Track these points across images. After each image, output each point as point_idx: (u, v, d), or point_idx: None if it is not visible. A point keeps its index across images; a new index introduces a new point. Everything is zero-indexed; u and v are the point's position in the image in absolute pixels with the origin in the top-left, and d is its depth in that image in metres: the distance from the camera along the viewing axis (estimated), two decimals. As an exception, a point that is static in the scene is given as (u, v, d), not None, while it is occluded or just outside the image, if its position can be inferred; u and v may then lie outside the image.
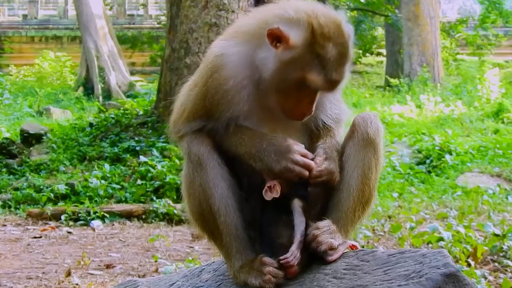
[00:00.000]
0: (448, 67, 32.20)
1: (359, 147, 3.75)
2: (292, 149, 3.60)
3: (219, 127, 3.74)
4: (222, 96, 3.69)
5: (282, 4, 3.70)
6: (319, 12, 3.56)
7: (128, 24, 36.12)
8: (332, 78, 3.53)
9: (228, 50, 3.73)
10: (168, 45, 14.64)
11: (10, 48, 33.96)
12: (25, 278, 7.39)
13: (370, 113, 3.86)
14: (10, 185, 12.95)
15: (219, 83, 3.69)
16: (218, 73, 3.70)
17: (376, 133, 3.76)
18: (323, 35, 3.49)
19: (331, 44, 3.50)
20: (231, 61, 3.69)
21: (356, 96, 25.93)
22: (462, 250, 7.00)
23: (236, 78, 3.67)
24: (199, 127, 3.79)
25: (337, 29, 3.55)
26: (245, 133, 3.71)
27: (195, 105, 3.81)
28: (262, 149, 3.63)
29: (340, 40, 3.54)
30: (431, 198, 12.43)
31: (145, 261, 8.19)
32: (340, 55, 3.53)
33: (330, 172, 3.64)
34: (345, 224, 3.72)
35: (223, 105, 3.71)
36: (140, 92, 26.44)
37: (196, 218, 3.82)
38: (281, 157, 3.58)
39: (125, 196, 11.96)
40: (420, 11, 28.53)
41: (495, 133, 18.65)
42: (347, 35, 3.58)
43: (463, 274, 3.14)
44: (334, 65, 3.51)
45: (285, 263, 3.51)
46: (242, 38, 3.69)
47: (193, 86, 3.87)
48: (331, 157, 3.69)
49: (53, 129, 16.20)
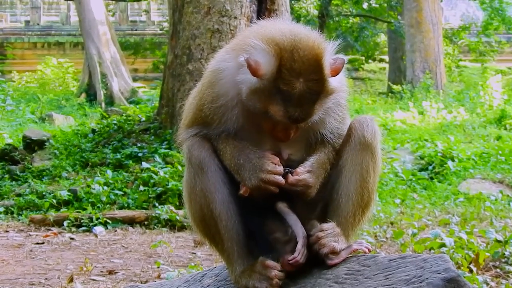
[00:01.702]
0: (451, 73, 32.24)
1: (356, 151, 3.76)
2: (264, 168, 3.61)
3: (214, 134, 3.79)
4: (214, 112, 3.75)
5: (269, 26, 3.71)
6: (300, 44, 3.51)
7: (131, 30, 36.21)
8: (292, 114, 3.49)
9: (222, 65, 3.75)
10: (170, 52, 14.65)
11: (12, 54, 34.04)
12: (28, 284, 7.39)
13: (366, 117, 3.86)
14: (12, 191, 12.95)
15: (212, 99, 3.74)
16: (211, 89, 3.76)
17: (373, 136, 3.77)
18: (291, 70, 3.45)
19: (301, 80, 3.45)
20: (222, 77, 3.72)
21: (358, 102, 25.95)
22: (464, 256, 6.99)
23: (226, 96, 3.70)
24: (196, 133, 3.84)
25: (313, 64, 3.48)
26: (229, 144, 3.75)
27: (194, 114, 3.87)
28: (240, 164, 3.68)
29: (313, 77, 3.47)
30: (433, 204, 12.42)
31: (147, 267, 8.19)
32: (309, 92, 3.47)
33: (306, 184, 3.65)
34: (345, 228, 3.73)
35: (216, 120, 3.76)
36: (142, 99, 26.49)
37: (197, 223, 3.84)
38: (253, 175, 3.62)
39: (127, 202, 11.96)
40: (423, 18, 28.55)
41: (497, 140, 18.62)
42: (325, 71, 3.51)
43: (464, 279, 3.14)
44: (298, 102, 3.47)
45: (295, 262, 3.53)
46: (236, 53, 3.68)
47: (195, 95, 3.93)
48: (314, 172, 3.69)
49: (55, 135, 16.21)
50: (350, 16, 34.91)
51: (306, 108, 3.51)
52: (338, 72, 3.59)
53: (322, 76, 3.50)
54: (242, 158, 3.68)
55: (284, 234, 3.63)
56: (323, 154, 3.79)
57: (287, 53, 3.47)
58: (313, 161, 3.73)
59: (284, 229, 3.64)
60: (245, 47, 3.58)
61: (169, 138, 14.17)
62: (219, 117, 3.74)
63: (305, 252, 3.57)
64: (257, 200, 3.69)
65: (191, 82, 13.51)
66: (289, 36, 3.53)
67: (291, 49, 3.48)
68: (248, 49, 3.54)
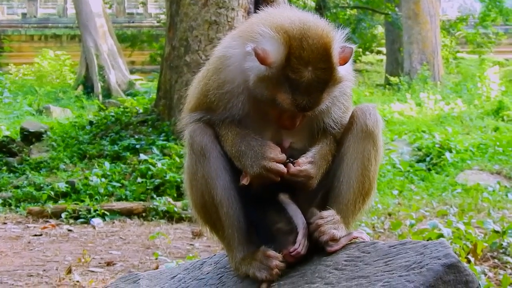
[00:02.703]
0: (448, 65, 32.22)
1: (358, 139, 3.74)
2: (266, 156, 3.60)
3: (217, 120, 3.77)
4: (220, 98, 3.73)
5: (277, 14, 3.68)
6: (309, 33, 3.49)
7: (128, 22, 36.13)
8: (300, 103, 3.48)
9: (229, 52, 3.73)
10: (168, 43, 14.63)
11: (9, 47, 33.97)
12: (26, 275, 7.40)
13: (369, 105, 3.84)
14: (10, 183, 12.95)
15: (218, 84, 3.73)
16: (217, 75, 3.74)
17: (375, 124, 3.75)
18: (300, 59, 3.44)
19: (309, 69, 3.44)
20: (230, 64, 3.70)
21: (356, 94, 25.89)
22: (462, 247, 7.00)
23: (233, 83, 3.69)
24: (198, 118, 3.83)
25: (322, 53, 3.47)
26: (231, 130, 3.74)
27: (198, 100, 3.85)
28: (241, 150, 3.66)
29: (321, 66, 3.46)
30: (431, 195, 12.43)
31: (145, 258, 8.20)
32: (317, 80, 3.46)
33: (307, 175, 3.64)
34: (346, 216, 3.72)
35: (221, 106, 3.74)
36: (139, 91, 26.44)
37: (198, 210, 3.84)
38: (255, 163, 3.60)
39: (125, 194, 11.98)
40: (420, 9, 28.54)
41: (495, 131, 18.64)
42: (334, 59, 3.50)
43: (464, 265, 3.13)
44: (306, 91, 3.46)
45: (296, 254, 3.53)
46: (243, 40, 3.65)
47: (200, 80, 3.90)
48: (316, 162, 3.68)
49: (53, 128, 16.20)
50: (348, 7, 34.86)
51: (314, 97, 3.50)
52: (346, 61, 3.58)
53: (330, 65, 3.49)
54: (244, 145, 3.66)
55: (286, 224, 3.62)
56: (325, 145, 3.78)
57: (296, 41, 3.45)
58: (315, 152, 3.72)
59: (286, 219, 3.63)
60: (253, 34, 3.55)
61: (166, 130, 14.17)
62: (224, 103, 3.73)
63: (306, 243, 3.56)
64: (257, 191, 3.69)
65: (189, 74, 13.50)
66: (298, 24, 3.51)
67: (300, 37, 3.46)
68: (256, 37, 3.52)
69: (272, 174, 3.59)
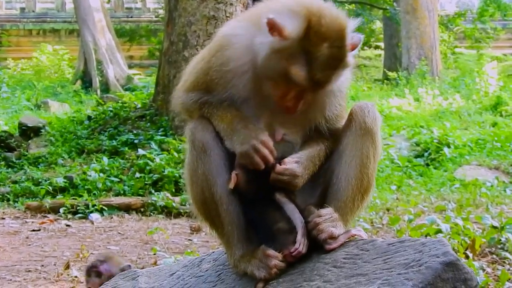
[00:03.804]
0: (446, 60, 32.17)
1: (356, 136, 3.76)
2: (259, 137, 3.62)
3: (214, 100, 3.78)
4: (222, 76, 3.74)
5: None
6: (326, 12, 3.56)
7: (126, 17, 36.05)
8: (315, 76, 3.52)
9: (236, 31, 3.77)
10: (166, 38, 14.62)
11: (7, 42, 33.89)
12: (24, 270, 7.39)
13: (367, 103, 3.87)
14: (8, 178, 12.95)
15: (222, 62, 3.74)
16: (222, 52, 3.75)
17: (373, 122, 3.77)
18: (318, 33, 3.49)
19: (325, 44, 3.49)
20: (236, 42, 3.72)
21: (354, 89, 25.89)
22: (460, 242, 7.00)
23: (238, 61, 3.70)
24: (196, 99, 3.84)
25: (338, 32, 3.53)
26: (230, 111, 3.75)
27: (197, 78, 3.86)
28: (236, 129, 3.68)
29: (337, 44, 3.52)
30: (429, 190, 12.44)
31: (144, 253, 8.20)
32: (332, 57, 3.52)
33: (292, 173, 3.66)
34: (344, 213, 3.74)
35: (222, 84, 3.75)
36: (138, 86, 26.40)
37: (198, 206, 3.85)
38: (246, 142, 3.62)
39: (123, 189, 11.97)
40: (418, 4, 28.49)
41: (493, 126, 18.65)
42: (347, 41, 3.57)
43: (462, 263, 3.14)
44: (322, 66, 3.51)
45: (297, 254, 3.54)
46: (251, 21, 3.71)
47: (200, 60, 3.91)
48: (303, 163, 3.70)
49: (51, 122, 16.18)
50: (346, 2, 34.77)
51: (328, 73, 3.56)
52: (355, 48, 3.66)
53: (345, 45, 3.56)
54: (240, 124, 3.69)
55: (286, 224, 3.62)
56: (315, 147, 3.80)
57: (316, 17, 3.51)
58: (303, 153, 3.74)
59: (286, 219, 3.64)
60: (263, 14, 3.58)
61: (165, 125, 14.16)
62: (225, 82, 3.74)
63: (305, 242, 3.57)
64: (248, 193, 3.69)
65: (187, 69, 13.49)
66: (316, 3, 3.60)
67: (318, 14, 3.52)
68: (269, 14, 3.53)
69: (258, 157, 3.60)
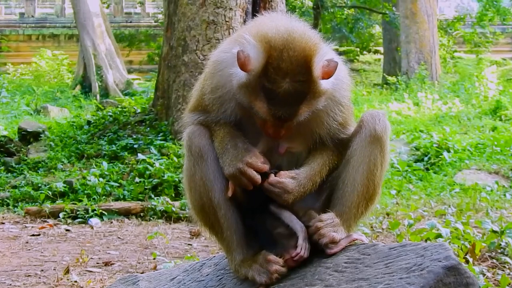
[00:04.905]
0: (446, 64, 32.23)
1: (366, 143, 3.76)
2: (244, 159, 3.62)
3: (213, 120, 3.81)
4: (213, 102, 3.78)
5: (267, 22, 3.67)
6: (292, 44, 3.47)
7: (126, 22, 36.13)
8: (276, 113, 3.48)
9: (221, 56, 3.77)
10: (165, 43, 14.63)
11: (7, 47, 33.95)
12: (24, 275, 7.38)
13: (378, 111, 3.86)
14: (8, 183, 12.94)
15: (211, 89, 3.77)
16: (211, 80, 3.78)
17: (383, 130, 3.77)
18: (277, 69, 3.43)
19: (286, 80, 3.42)
20: (221, 68, 3.73)
21: (353, 94, 25.87)
22: (460, 247, 6.99)
23: (224, 88, 3.72)
24: (197, 118, 3.87)
25: (302, 66, 3.45)
26: (224, 129, 3.76)
27: (197, 101, 3.91)
28: (226, 148, 3.69)
29: (300, 78, 3.44)
30: (429, 195, 12.43)
31: (143, 258, 8.19)
32: (295, 92, 3.45)
33: (284, 188, 3.64)
34: (347, 218, 3.74)
35: (215, 109, 3.79)
36: (137, 90, 26.45)
37: (197, 212, 3.85)
38: (233, 163, 3.63)
39: (123, 194, 11.96)
40: (418, 9, 28.53)
41: (492, 131, 18.63)
42: (315, 73, 3.48)
43: (464, 267, 3.14)
44: (283, 102, 3.45)
45: (299, 258, 3.54)
46: (233, 46, 3.67)
47: (198, 83, 3.96)
48: (299, 181, 3.68)
49: (51, 127, 16.18)
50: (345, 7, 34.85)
51: (291, 108, 3.48)
52: (330, 75, 3.54)
53: (309, 78, 3.47)
54: (230, 144, 3.69)
55: (286, 228, 3.63)
56: (319, 161, 3.78)
57: (277, 51, 3.44)
58: (303, 170, 3.73)
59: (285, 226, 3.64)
60: (242, 40, 3.56)
61: (164, 130, 14.16)
62: (217, 107, 3.77)
63: (307, 246, 3.57)
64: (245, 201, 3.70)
65: (187, 74, 13.51)
66: (283, 34, 3.50)
67: (281, 48, 3.45)
68: (243, 43, 3.52)
69: (244, 179, 3.60)
